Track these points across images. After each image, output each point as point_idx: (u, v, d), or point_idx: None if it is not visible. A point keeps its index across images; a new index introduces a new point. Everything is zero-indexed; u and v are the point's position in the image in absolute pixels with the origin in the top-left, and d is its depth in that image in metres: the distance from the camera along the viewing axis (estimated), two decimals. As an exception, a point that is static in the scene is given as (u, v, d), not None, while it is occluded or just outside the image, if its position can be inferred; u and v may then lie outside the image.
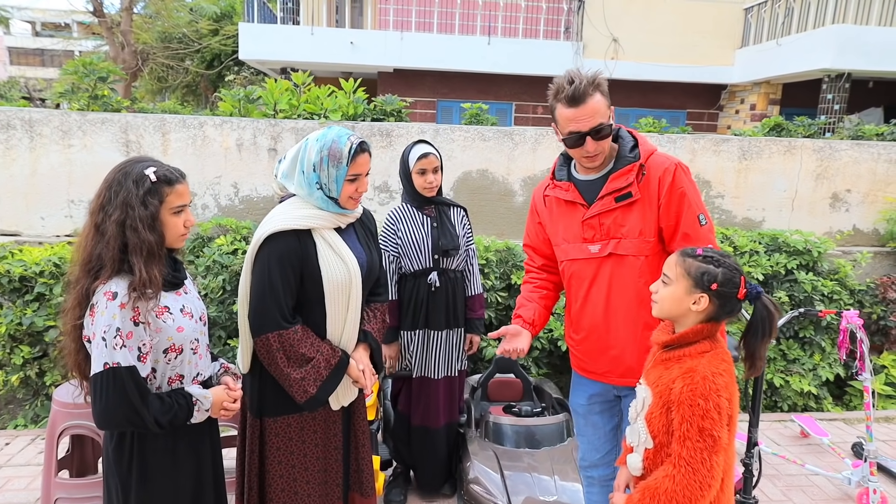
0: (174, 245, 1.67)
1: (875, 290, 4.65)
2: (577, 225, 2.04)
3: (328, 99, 4.64)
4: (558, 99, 1.90)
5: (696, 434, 1.46)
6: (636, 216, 1.94)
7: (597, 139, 1.89)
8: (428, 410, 2.83)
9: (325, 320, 2.00)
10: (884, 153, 5.18)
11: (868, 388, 3.11)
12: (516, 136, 4.81)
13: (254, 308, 1.94)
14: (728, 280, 1.51)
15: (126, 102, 4.70)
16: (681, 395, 1.49)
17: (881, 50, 9.01)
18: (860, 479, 3.09)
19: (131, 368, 1.49)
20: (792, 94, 10.89)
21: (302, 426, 2.04)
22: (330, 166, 1.92)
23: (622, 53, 10.92)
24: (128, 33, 15.23)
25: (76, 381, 1.65)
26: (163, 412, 1.55)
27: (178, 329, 1.62)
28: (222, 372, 1.85)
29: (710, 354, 1.52)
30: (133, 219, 1.52)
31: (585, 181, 2.04)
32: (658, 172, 1.93)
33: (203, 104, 18.08)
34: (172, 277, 1.66)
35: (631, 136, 2.03)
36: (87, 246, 1.55)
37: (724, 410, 1.46)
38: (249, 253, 1.98)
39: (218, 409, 1.71)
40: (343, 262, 1.98)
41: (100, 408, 1.48)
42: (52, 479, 2.67)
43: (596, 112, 1.86)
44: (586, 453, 2.27)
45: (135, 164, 1.60)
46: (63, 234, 4.40)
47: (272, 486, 2.04)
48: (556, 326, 4.01)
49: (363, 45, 10.57)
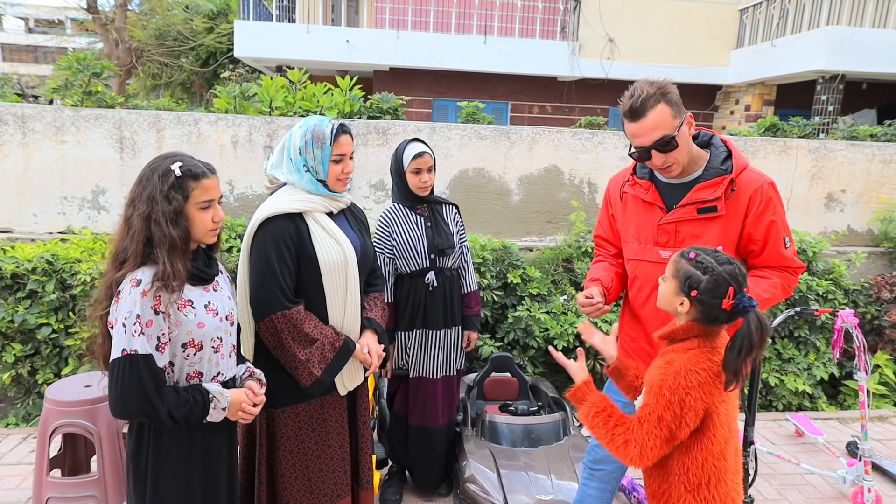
0: (203, 240, 1.66)
1: (869, 289, 4.67)
2: (651, 227, 1.99)
3: (324, 96, 4.62)
4: (623, 112, 1.86)
5: (655, 421, 1.49)
6: (716, 230, 1.89)
7: (664, 152, 1.83)
8: (426, 410, 2.81)
9: (326, 305, 2.04)
10: (878, 154, 5.20)
11: (863, 387, 3.12)
12: (513, 135, 4.81)
13: (255, 293, 1.97)
14: (710, 289, 1.48)
15: (120, 98, 4.67)
16: (651, 383, 1.53)
17: (875, 51, 9.05)
18: (855, 477, 3.10)
19: (148, 357, 1.48)
20: (786, 95, 10.94)
21: (311, 414, 2.07)
22: (315, 148, 2.03)
23: (618, 53, 10.93)
24: (122, 30, 15.14)
25: (100, 369, 1.64)
26: (178, 405, 1.53)
27: (198, 325, 1.60)
28: (247, 376, 1.81)
29: (694, 352, 1.52)
30: (157, 213, 1.52)
31: (668, 184, 1.98)
32: (749, 191, 1.87)
33: (198, 102, 18.00)
34: (201, 273, 1.64)
35: (724, 147, 1.96)
36: (117, 239, 1.58)
37: (687, 408, 1.46)
38: (245, 241, 2.02)
39: (236, 410, 1.67)
40: (338, 243, 2.04)
41: (115, 394, 1.48)
42: (44, 477, 2.64)
43: (658, 125, 1.79)
44: (599, 449, 2.26)
45: (163, 159, 1.60)
46: (56, 232, 4.36)
47: (285, 477, 2.06)
48: (553, 326, 4.00)
49: (359, 44, 10.54)
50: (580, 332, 1.91)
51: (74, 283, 3.53)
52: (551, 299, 4.24)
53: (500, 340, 4.11)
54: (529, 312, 4.07)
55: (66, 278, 3.57)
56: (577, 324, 3.99)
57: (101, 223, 4.40)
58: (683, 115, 1.84)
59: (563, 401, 3.22)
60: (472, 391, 3.39)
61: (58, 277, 3.56)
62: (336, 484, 2.14)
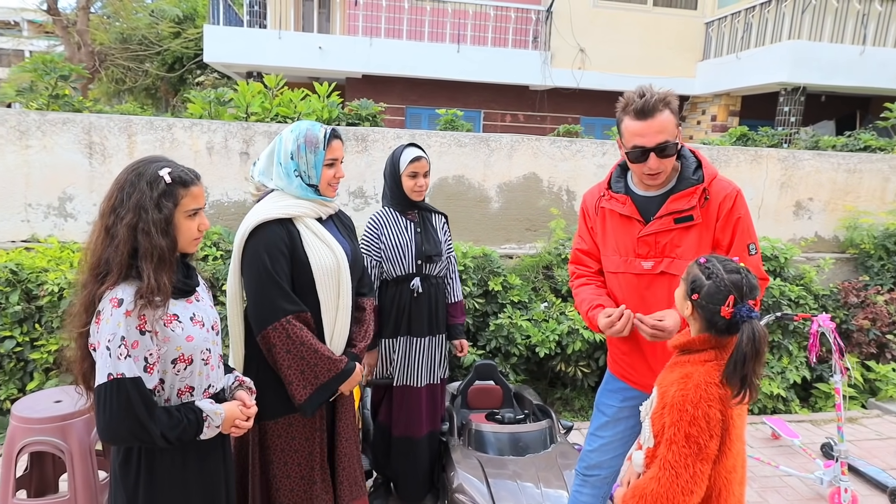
0: (187, 250, 1.59)
1: (837, 294, 4.81)
2: (631, 240, 2.02)
3: (301, 102, 4.55)
4: (626, 112, 1.87)
5: (683, 439, 1.47)
6: (693, 239, 1.93)
7: (661, 157, 1.86)
8: (410, 419, 2.77)
9: (319, 310, 2.02)
10: (843, 163, 5.37)
11: (839, 389, 3.19)
12: (492, 143, 4.81)
13: (255, 302, 1.93)
14: (710, 295, 1.49)
15: (88, 103, 4.51)
16: (673, 399, 1.50)
17: (833, 65, 9.40)
18: (832, 478, 3.17)
19: (136, 380, 1.41)
20: (750, 106, 11.26)
21: (303, 423, 2.04)
22: (308, 152, 2.01)
23: (589, 64, 11.10)
24: (84, 33, 14.75)
25: (81, 389, 1.55)
26: (170, 427, 1.46)
27: (187, 338, 1.53)
28: (236, 385, 1.75)
29: (711, 364, 1.51)
30: (146, 222, 1.44)
31: (643, 196, 2.01)
32: (719, 198, 1.92)
33: (163, 108, 17.62)
34: (183, 284, 1.57)
35: (694, 157, 2.00)
36: (96, 249, 1.47)
37: (713, 420, 1.45)
38: (236, 250, 1.98)
39: (229, 425, 1.61)
40: (329, 248, 2.03)
41: (104, 421, 1.40)
42: (11, 499, 2.51)
43: (663, 129, 1.83)
44: (593, 455, 2.27)
45: (149, 164, 1.51)
46: (19, 240, 4.18)
47: (280, 491, 2.02)
48: (535, 333, 4.00)
49: (332, 51, 10.47)
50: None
51: (41, 294, 3.38)
52: (532, 306, 4.24)
53: (483, 348, 4.09)
54: (511, 320, 4.07)
55: (32, 289, 3.42)
56: (560, 329, 4.00)
57: (68, 231, 4.23)
58: (679, 126, 1.90)
59: (548, 408, 3.22)
60: (455, 399, 3.36)
61: (23, 288, 3.41)
62: (329, 494, 2.11)
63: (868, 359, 4.67)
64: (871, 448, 3.83)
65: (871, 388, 4.64)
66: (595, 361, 4.16)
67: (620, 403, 2.22)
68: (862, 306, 4.71)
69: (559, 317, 4.14)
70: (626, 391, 2.21)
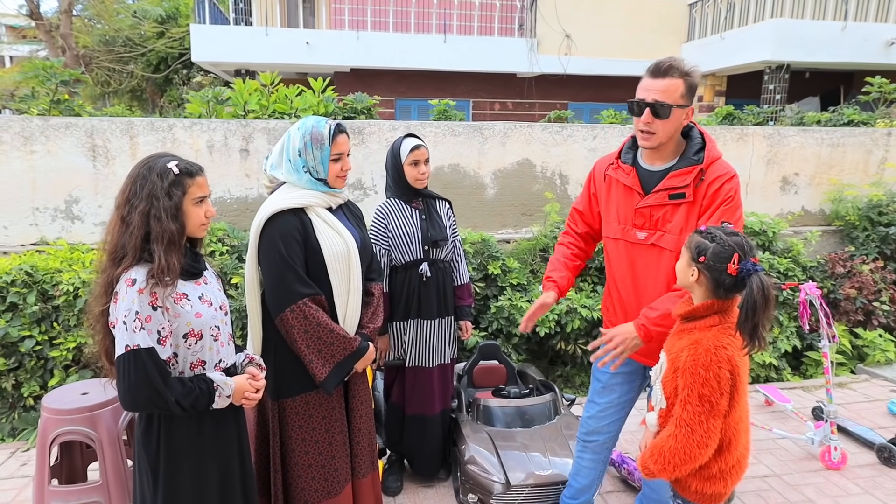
0: (195, 234, 1.74)
1: (824, 265, 4.98)
2: (630, 209, 2.15)
3: (298, 98, 4.65)
4: (647, 69, 1.99)
5: (696, 399, 1.61)
6: (682, 216, 2.04)
7: (655, 115, 1.96)
8: (424, 398, 2.90)
9: (332, 293, 2.14)
10: (827, 138, 5.53)
11: (827, 353, 3.36)
12: (486, 131, 4.93)
13: (273, 286, 2.06)
14: (716, 255, 1.62)
15: (88, 106, 4.59)
16: (685, 364, 1.64)
17: (816, 41, 9.55)
18: (822, 438, 3.33)
19: (150, 350, 1.55)
20: (736, 86, 11.41)
21: (319, 402, 2.16)
22: (314, 149, 2.12)
23: (575, 49, 11.20)
24: (68, 36, 14.68)
25: (105, 367, 1.70)
26: (184, 394, 1.61)
27: (196, 315, 1.67)
28: (247, 362, 1.90)
29: (717, 328, 1.65)
30: (157, 209, 1.60)
31: (648, 170, 2.13)
32: (711, 178, 2.02)
33: (150, 109, 17.55)
34: (191, 267, 1.72)
35: (701, 139, 2.09)
36: (113, 237, 1.63)
37: (723, 380, 1.60)
38: (252, 239, 2.09)
39: (240, 396, 1.76)
40: (340, 235, 2.15)
41: (124, 388, 1.55)
42: (46, 487, 2.62)
43: (667, 89, 1.93)
44: (591, 420, 2.42)
45: (157, 159, 1.67)
46: (29, 244, 4.27)
47: (298, 465, 2.14)
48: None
49: (319, 46, 10.52)
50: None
51: (57, 294, 3.48)
52: (530, 288, 4.38)
53: (485, 330, 4.23)
54: (511, 302, 4.20)
55: (48, 289, 3.52)
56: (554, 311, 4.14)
57: (75, 233, 4.33)
58: (690, 103, 2.00)
59: (551, 383, 3.36)
60: (462, 379, 3.50)
61: (38, 289, 3.51)
62: (346, 469, 2.24)
63: (856, 326, 4.85)
64: (859, 410, 4.00)
65: (859, 354, 4.82)
66: (593, 338, 4.30)
67: (612, 371, 2.35)
68: (848, 276, 4.88)
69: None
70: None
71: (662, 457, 1.66)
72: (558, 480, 2.67)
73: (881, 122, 5.93)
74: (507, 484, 2.64)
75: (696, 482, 1.73)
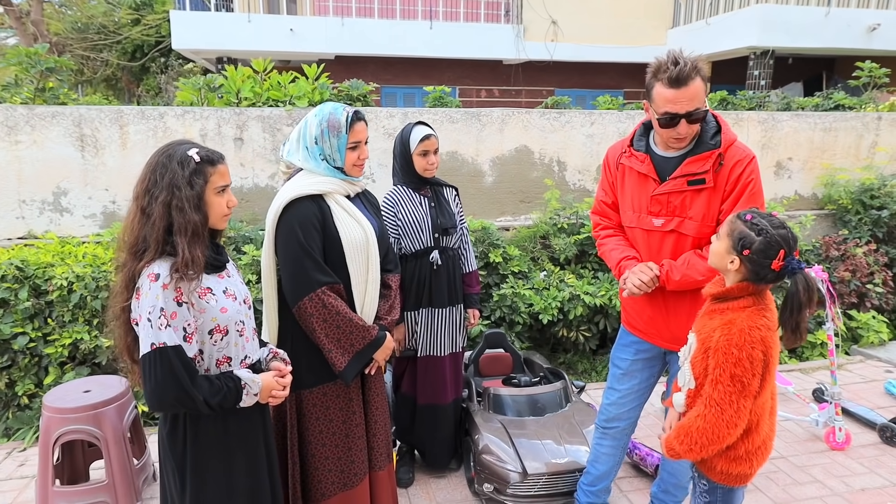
0: (217, 226, 1.66)
1: (819, 249, 5.03)
2: (645, 197, 2.11)
3: (292, 85, 4.54)
4: (659, 78, 1.93)
5: (728, 379, 1.59)
6: (703, 201, 2.02)
7: (690, 122, 1.94)
8: (436, 388, 2.87)
9: (350, 282, 2.10)
10: (819, 122, 5.57)
11: (831, 336, 3.39)
12: (483, 118, 4.87)
13: (290, 274, 2.00)
14: (761, 250, 1.58)
15: (74, 95, 4.43)
16: (718, 343, 1.62)
17: (800, 27, 9.62)
18: (826, 419, 3.37)
19: (177, 347, 1.49)
20: (721, 72, 11.48)
21: (337, 393, 2.12)
22: (331, 137, 2.06)
23: (561, 36, 11.16)
24: (40, 23, 14.23)
25: (125, 365, 1.63)
26: (212, 393, 1.54)
27: (221, 310, 1.61)
28: (271, 357, 1.84)
29: (751, 310, 1.63)
30: (179, 199, 1.52)
31: (662, 157, 2.10)
32: (732, 163, 1.99)
33: (126, 98, 17.13)
34: (214, 260, 1.65)
35: (715, 122, 2.07)
36: (133, 229, 1.54)
37: (756, 361, 1.58)
38: (269, 226, 2.03)
39: (267, 394, 1.70)
40: (358, 223, 2.10)
41: (150, 388, 1.48)
42: (50, 487, 2.55)
43: (695, 96, 1.90)
44: (612, 407, 2.40)
45: (176, 146, 1.59)
46: (16, 237, 4.13)
47: (316, 457, 2.10)
48: (537, 301, 4.12)
49: (303, 32, 10.33)
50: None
51: (50, 289, 3.36)
52: (532, 275, 4.36)
53: (488, 318, 4.20)
54: (514, 289, 4.18)
55: (40, 284, 3.40)
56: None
57: (64, 226, 4.19)
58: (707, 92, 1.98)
59: (560, 370, 3.35)
60: (468, 368, 3.47)
61: (30, 284, 3.39)
62: (363, 462, 2.20)
63: (850, 308, 4.91)
64: (857, 391, 4.06)
65: (853, 335, 4.89)
66: (595, 325, 4.31)
67: (633, 357, 2.35)
68: (842, 259, 4.94)
69: (559, 284, 4.26)
70: (638, 344, 2.33)
71: (689, 436, 1.66)
72: (574, 468, 2.66)
73: (869, 107, 5.99)
74: (523, 473, 2.63)
75: (722, 462, 1.73)
